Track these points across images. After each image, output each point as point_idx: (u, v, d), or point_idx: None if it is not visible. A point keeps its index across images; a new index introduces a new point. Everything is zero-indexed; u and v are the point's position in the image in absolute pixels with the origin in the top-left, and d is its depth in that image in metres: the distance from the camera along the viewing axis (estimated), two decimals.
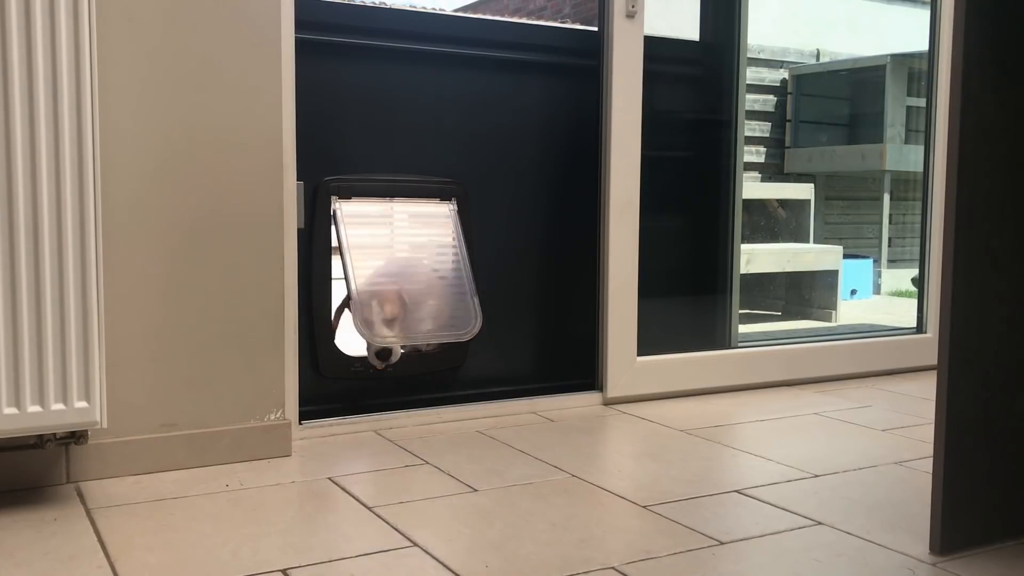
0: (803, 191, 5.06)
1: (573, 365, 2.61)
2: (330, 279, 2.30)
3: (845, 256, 4.81)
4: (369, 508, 1.72)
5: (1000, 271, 1.54)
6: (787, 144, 5.81)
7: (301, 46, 2.11)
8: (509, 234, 2.21)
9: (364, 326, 2.08)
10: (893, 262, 5.69)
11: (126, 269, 1.87)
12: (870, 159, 5.52)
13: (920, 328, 3.23)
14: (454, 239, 2.40)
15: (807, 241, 4.93)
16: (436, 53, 2.40)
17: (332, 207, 2.27)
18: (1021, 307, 1.57)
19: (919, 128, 4.85)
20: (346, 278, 2.17)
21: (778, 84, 5.81)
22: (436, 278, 2.23)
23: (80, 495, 1.77)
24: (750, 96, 5.65)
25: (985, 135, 1.50)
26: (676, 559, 1.50)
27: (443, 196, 2.40)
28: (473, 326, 2.28)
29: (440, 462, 2.01)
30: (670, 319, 2.82)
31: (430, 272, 2.23)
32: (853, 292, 5.21)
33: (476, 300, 2.30)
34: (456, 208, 2.40)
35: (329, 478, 1.90)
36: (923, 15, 3.26)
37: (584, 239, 2.59)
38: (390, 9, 2.67)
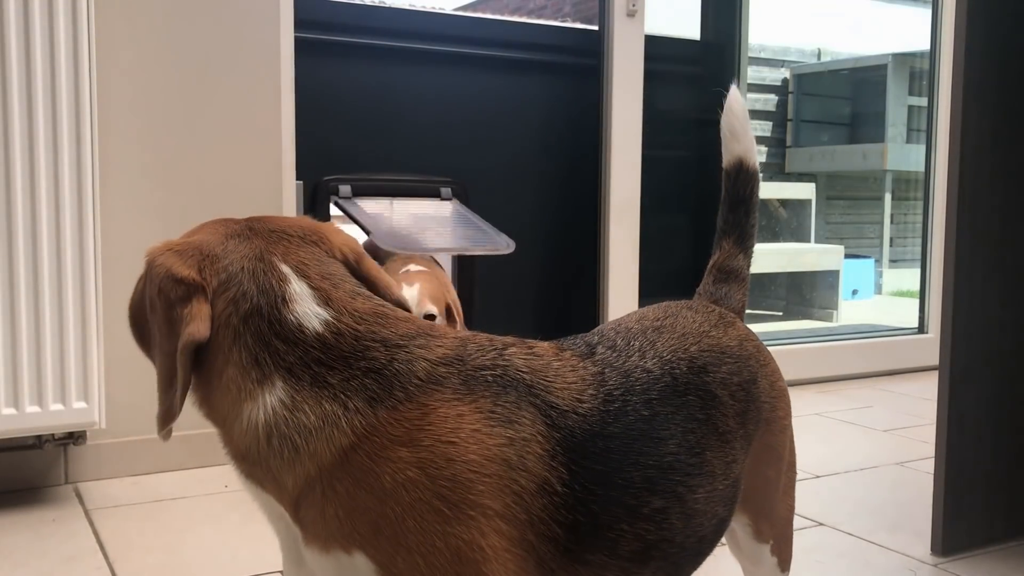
0: (804, 191, 5.05)
1: None
2: None
3: (846, 256, 4.80)
4: None
5: (1001, 271, 1.54)
6: (788, 143, 5.79)
7: (301, 45, 2.11)
8: (509, 233, 2.21)
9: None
10: (895, 262, 5.68)
11: (125, 269, 1.86)
12: (871, 158, 5.51)
13: (921, 328, 3.22)
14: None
15: (808, 241, 4.92)
16: (436, 52, 2.40)
17: (332, 207, 2.26)
18: (1022, 308, 1.57)
19: (920, 127, 4.83)
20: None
21: (779, 83, 5.80)
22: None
23: (79, 496, 1.77)
24: (751, 95, 5.64)
25: (987, 134, 1.49)
26: None
27: (443, 195, 2.39)
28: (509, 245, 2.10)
29: None
30: None
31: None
32: (854, 292, 5.20)
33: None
34: (456, 207, 2.39)
35: None
36: (925, 14, 3.25)
37: (584, 239, 2.59)
38: (390, 8, 2.67)
